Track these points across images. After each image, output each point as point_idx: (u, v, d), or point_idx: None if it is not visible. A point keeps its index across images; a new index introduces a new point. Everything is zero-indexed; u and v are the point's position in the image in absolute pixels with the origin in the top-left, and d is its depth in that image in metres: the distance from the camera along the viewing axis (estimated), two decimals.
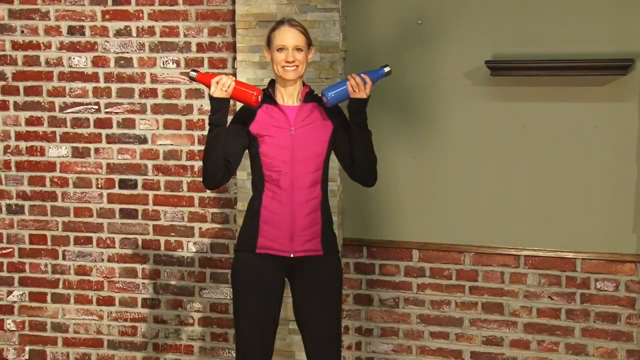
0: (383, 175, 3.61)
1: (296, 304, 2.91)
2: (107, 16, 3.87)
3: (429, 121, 3.63)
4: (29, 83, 3.98)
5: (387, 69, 2.78)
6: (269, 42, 2.81)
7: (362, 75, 2.71)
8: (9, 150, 4.04)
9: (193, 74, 2.71)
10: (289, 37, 2.74)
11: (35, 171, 4.02)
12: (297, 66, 2.75)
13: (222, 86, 2.65)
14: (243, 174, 3.62)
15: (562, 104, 3.49)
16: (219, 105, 2.68)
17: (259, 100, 2.71)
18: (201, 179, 3.84)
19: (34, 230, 4.06)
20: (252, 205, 2.87)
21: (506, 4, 3.50)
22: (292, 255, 2.81)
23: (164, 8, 3.81)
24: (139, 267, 4.00)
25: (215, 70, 3.78)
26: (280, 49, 2.75)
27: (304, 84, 2.86)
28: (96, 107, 3.94)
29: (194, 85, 3.81)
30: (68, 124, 3.97)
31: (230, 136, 2.78)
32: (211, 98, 2.68)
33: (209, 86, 2.69)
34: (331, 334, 2.90)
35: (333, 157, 2.91)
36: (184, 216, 3.91)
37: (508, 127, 3.55)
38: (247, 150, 2.85)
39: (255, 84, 3.57)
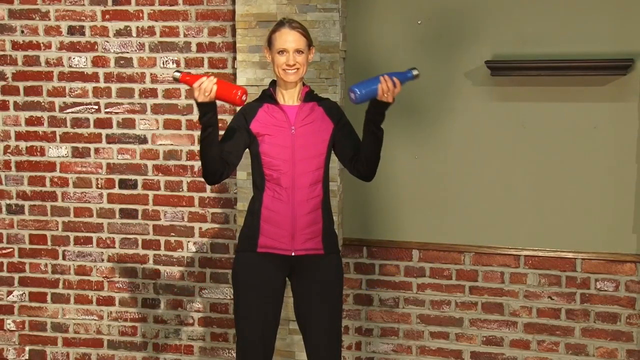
0: (383, 175, 3.62)
1: (297, 303, 2.92)
2: (107, 16, 3.87)
3: (429, 121, 3.63)
4: (29, 83, 3.98)
5: (415, 72, 2.72)
6: (269, 43, 2.82)
7: (394, 78, 2.64)
8: (9, 150, 4.04)
9: (177, 74, 2.68)
10: (289, 39, 2.75)
11: (35, 171, 4.02)
12: (297, 69, 2.76)
13: (204, 91, 2.61)
14: (243, 174, 3.62)
15: (562, 104, 3.49)
16: (205, 108, 2.66)
17: (244, 99, 2.68)
18: (201, 179, 3.86)
19: (34, 230, 4.06)
20: (252, 205, 2.87)
21: (506, 4, 3.50)
22: (293, 254, 2.81)
23: (164, 8, 3.81)
24: (139, 267, 4.00)
25: (215, 71, 3.78)
26: (281, 52, 2.75)
27: (304, 84, 2.87)
28: (96, 107, 3.94)
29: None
30: (68, 124, 3.97)
31: (231, 133, 2.79)
32: (196, 102, 2.65)
33: (192, 83, 2.64)
34: (332, 333, 2.90)
35: (334, 157, 2.92)
36: (184, 216, 3.91)
37: (508, 127, 3.56)
38: (247, 149, 2.85)
39: (255, 84, 3.57)
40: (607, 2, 3.38)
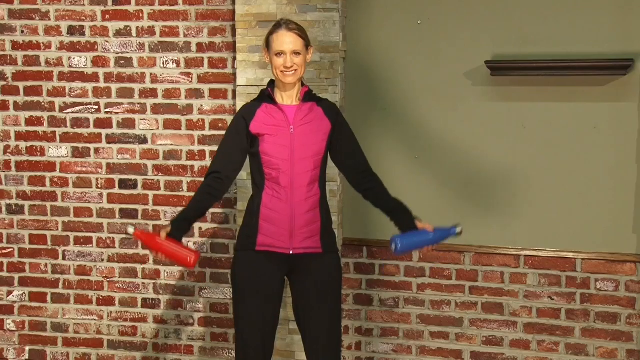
0: (383, 175, 3.61)
1: (296, 302, 2.92)
2: (107, 16, 3.87)
3: (429, 121, 3.63)
4: (29, 83, 3.98)
5: (458, 230, 2.78)
6: (267, 45, 2.83)
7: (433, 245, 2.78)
8: (9, 150, 4.04)
9: (130, 229, 2.78)
10: (287, 41, 2.76)
11: (35, 171, 4.02)
12: (295, 70, 2.77)
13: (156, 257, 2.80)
14: (243, 174, 3.62)
15: (562, 104, 3.49)
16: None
17: (194, 263, 2.75)
18: (202, 179, 3.86)
19: (34, 230, 4.06)
20: (251, 204, 2.88)
21: (506, 4, 3.50)
22: (291, 252, 2.82)
23: (164, 8, 3.81)
24: (139, 267, 3.99)
25: (215, 71, 3.78)
26: (279, 54, 2.77)
27: (302, 84, 2.87)
28: (96, 107, 3.94)
29: (194, 85, 3.82)
30: (68, 124, 3.97)
31: (229, 144, 2.84)
32: None
33: (145, 244, 2.79)
34: (331, 333, 2.90)
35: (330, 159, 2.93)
36: None
37: (508, 127, 3.55)
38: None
39: (255, 84, 3.57)
40: (607, 2, 3.38)
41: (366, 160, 2.94)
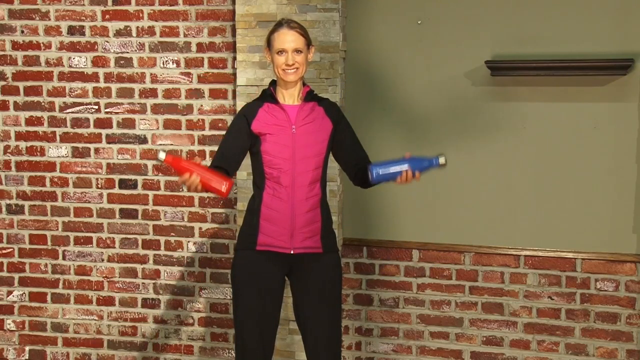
0: None
1: (296, 301, 2.92)
2: (107, 16, 3.87)
3: (429, 121, 3.63)
4: (29, 83, 3.98)
5: (442, 160, 2.71)
6: (268, 44, 2.83)
7: (416, 173, 2.71)
8: (9, 150, 4.04)
9: (162, 155, 2.61)
10: (288, 40, 2.76)
11: (35, 171, 4.02)
12: (297, 68, 2.77)
13: (189, 187, 2.63)
14: (243, 174, 3.62)
15: (562, 104, 3.49)
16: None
17: (228, 191, 2.64)
18: None
19: (34, 230, 4.06)
20: (252, 203, 2.88)
21: (506, 4, 3.50)
22: (292, 252, 2.82)
23: (164, 8, 3.81)
24: (139, 267, 4.00)
25: (215, 71, 3.78)
26: (280, 52, 2.77)
27: (304, 84, 2.87)
28: (96, 107, 3.94)
29: (194, 85, 3.82)
30: (68, 124, 3.97)
31: (230, 139, 2.83)
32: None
33: (177, 172, 2.62)
34: (331, 333, 2.90)
35: (333, 157, 2.93)
36: (184, 216, 3.91)
37: (508, 127, 3.56)
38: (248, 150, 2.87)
39: (255, 84, 3.57)
40: (607, 2, 3.39)
41: (367, 155, 2.94)
